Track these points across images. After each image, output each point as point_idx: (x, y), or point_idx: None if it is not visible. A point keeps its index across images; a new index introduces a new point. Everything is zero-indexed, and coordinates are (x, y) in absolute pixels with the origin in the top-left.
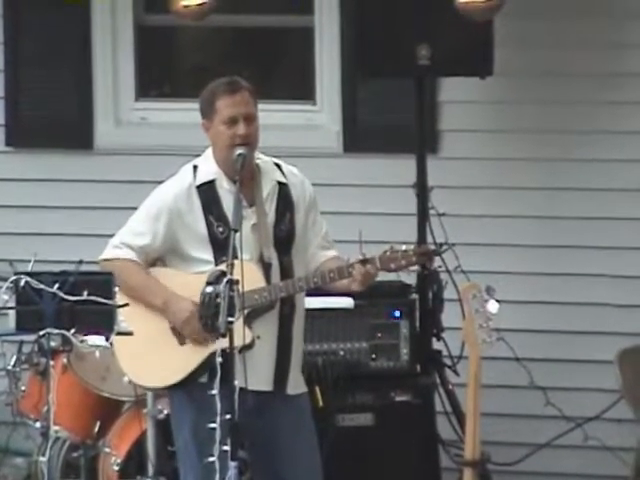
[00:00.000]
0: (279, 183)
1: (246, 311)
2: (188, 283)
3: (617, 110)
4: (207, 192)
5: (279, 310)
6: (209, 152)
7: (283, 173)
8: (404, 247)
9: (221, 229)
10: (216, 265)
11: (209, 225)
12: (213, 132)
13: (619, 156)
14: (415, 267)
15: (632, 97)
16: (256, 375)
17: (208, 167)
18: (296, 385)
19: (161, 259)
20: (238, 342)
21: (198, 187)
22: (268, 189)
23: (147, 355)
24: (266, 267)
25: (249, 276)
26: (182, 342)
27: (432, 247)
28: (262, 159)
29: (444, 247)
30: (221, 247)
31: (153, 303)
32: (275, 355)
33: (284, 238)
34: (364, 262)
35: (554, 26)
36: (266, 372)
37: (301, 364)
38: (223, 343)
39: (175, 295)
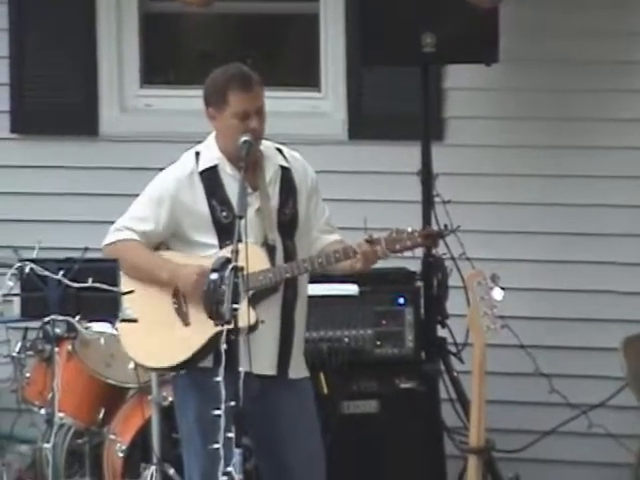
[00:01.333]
0: (282, 167)
1: (250, 293)
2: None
3: (624, 98)
4: (210, 177)
5: (282, 295)
6: (211, 138)
7: (285, 157)
8: (409, 229)
9: (225, 213)
10: (220, 249)
11: (212, 209)
12: (221, 123)
13: (626, 144)
14: (419, 251)
15: (639, 85)
16: (260, 359)
17: (211, 153)
18: (298, 369)
19: (164, 243)
20: (243, 323)
21: (201, 173)
22: (271, 173)
23: (151, 336)
24: (270, 250)
25: (254, 259)
26: (186, 323)
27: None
28: (264, 144)
29: (448, 229)
30: (225, 231)
31: (160, 277)
32: (278, 339)
33: (288, 222)
34: (369, 242)
35: (560, 13)
36: (269, 356)
37: (303, 349)
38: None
39: (179, 264)
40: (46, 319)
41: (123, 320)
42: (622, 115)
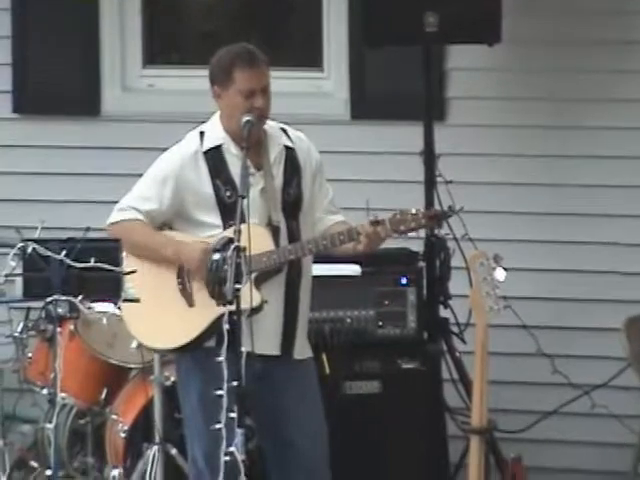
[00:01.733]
0: (286, 147)
1: (254, 274)
2: None
3: (627, 78)
4: (214, 157)
5: (286, 275)
6: (216, 118)
7: (290, 138)
8: (413, 210)
9: (229, 193)
10: (224, 229)
11: (216, 189)
12: (226, 101)
13: (629, 124)
14: (422, 231)
15: None
16: (263, 339)
17: (215, 133)
18: (302, 350)
19: (167, 223)
20: (246, 305)
21: (205, 153)
22: (275, 153)
23: (156, 317)
24: (274, 231)
25: (259, 240)
26: (191, 304)
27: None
28: (268, 124)
29: (452, 210)
30: (229, 211)
31: (164, 255)
32: (282, 319)
33: (292, 202)
34: (374, 224)
35: None
36: (273, 336)
37: (307, 329)
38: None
39: (184, 242)
40: (48, 299)
41: (126, 300)
42: (625, 95)
